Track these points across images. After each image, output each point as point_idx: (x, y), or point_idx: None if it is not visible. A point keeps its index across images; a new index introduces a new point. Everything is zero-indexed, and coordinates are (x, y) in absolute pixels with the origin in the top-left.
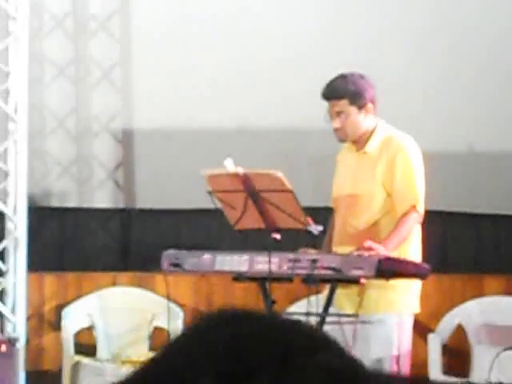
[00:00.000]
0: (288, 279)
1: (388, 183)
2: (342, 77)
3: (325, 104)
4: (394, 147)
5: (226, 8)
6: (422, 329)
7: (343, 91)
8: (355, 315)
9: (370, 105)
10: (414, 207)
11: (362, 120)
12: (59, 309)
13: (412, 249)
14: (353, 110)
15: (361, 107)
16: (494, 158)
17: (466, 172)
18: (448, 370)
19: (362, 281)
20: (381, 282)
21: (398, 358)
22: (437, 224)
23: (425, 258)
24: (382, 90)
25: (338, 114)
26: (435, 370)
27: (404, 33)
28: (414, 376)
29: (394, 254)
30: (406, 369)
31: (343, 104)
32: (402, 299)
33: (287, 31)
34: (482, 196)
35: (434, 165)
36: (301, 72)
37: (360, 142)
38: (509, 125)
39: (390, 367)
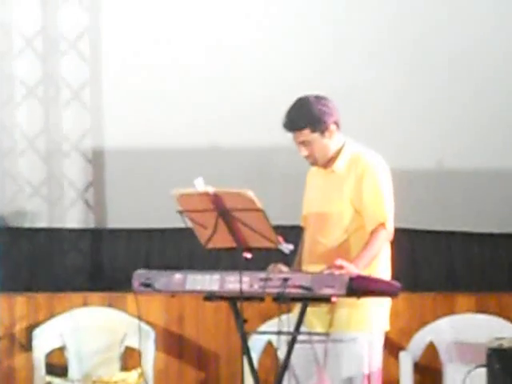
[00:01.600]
0: (259, 298)
1: (356, 201)
2: (301, 105)
3: None
4: (362, 165)
5: (196, 27)
6: (393, 346)
7: (302, 122)
8: (326, 334)
9: (332, 126)
10: (382, 225)
11: (328, 143)
12: (30, 329)
13: (381, 267)
14: (316, 136)
15: (323, 132)
16: (463, 175)
17: (435, 189)
18: None
19: (333, 299)
20: (351, 301)
21: (369, 377)
22: (407, 242)
23: (395, 275)
24: (350, 107)
25: (303, 143)
26: None
27: (369, 46)
28: None
29: (364, 272)
30: None
31: (306, 133)
32: (373, 317)
33: (260, 50)
34: (452, 213)
35: (403, 182)
36: (273, 90)
37: (327, 162)
38: (478, 141)
39: None
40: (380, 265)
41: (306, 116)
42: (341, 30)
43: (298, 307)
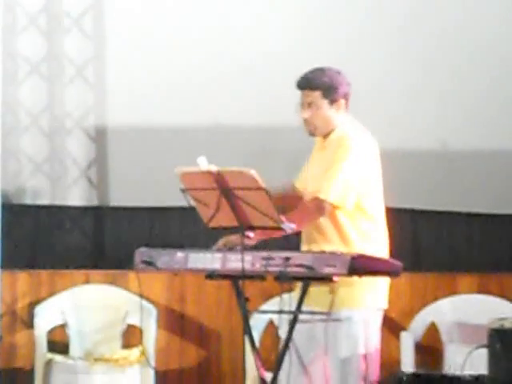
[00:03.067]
0: (261, 277)
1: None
2: (319, 69)
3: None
4: (339, 143)
5: (200, 6)
6: (394, 327)
7: (318, 83)
8: (328, 313)
9: (342, 101)
10: (317, 199)
11: (333, 115)
12: (32, 306)
13: (376, 246)
14: (325, 103)
15: (333, 102)
16: (466, 156)
17: (438, 170)
18: (420, 367)
19: (335, 278)
20: (347, 279)
21: (365, 356)
22: (410, 222)
23: (397, 255)
24: (356, 87)
25: (309, 104)
26: (408, 368)
27: (380, 30)
28: None
29: (364, 252)
30: (375, 367)
31: (316, 96)
32: (368, 295)
33: (262, 30)
34: (454, 194)
35: (407, 163)
36: (275, 69)
37: (326, 136)
38: (482, 123)
39: (357, 365)
40: (373, 244)
41: (322, 79)
42: (356, 15)
43: (299, 287)
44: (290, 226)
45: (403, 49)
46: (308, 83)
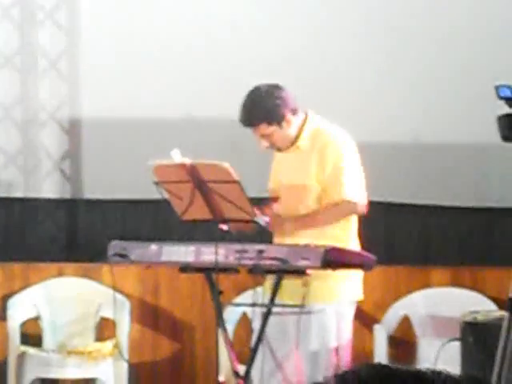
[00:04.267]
0: (234, 270)
1: (320, 177)
2: (252, 101)
3: None
4: (323, 140)
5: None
6: (367, 320)
7: (257, 118)
8: (301, 306)
9: (288, 115)
10: (344, 201)
11: (287, 131)
12: (5, 299)
13: (352, 240)
14: (274, 129)
15: (280, 123)
16: (439, 149)
17: (411, 163)
18: (394, 360)
19: (308, 271)
20: (320, 273)
21: (337, 349)
22: (382, 215)
23: (370, 248)
24: (327, 81)
25: (263, 136)
26: (381, 361)
27: (351, 21)
28: None
29: (337, 245)
30: (346, 360)
31: (263, 128)
32: (341, 289)
33: (232, 20)
34: (427, 187)
35: (379, 155)
36: (250, 63)
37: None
38: (455, 116)
39: (328, 358)
40: (350, 238)
41: (260, 112)
42: (323, 8)
43: (270, 279)
44: (264, 219)
45: (374, 41)
46: (250, 122)
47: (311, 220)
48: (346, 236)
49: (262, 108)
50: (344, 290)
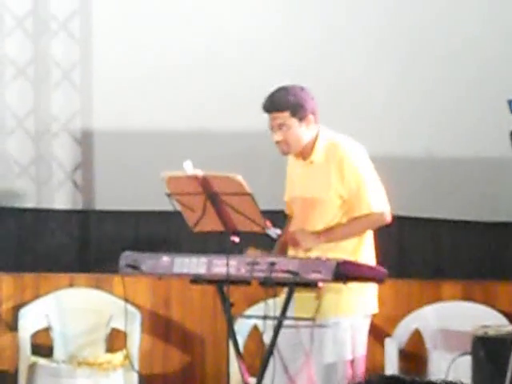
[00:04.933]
0: (246, 282)
1: (341, 191)
2: (283, 89)
3: None
4: (339, 154)
5: (186, 10)
6: (378, 333)
7: (284, 103)
8: (312, 319)
9: (310, 116)
10: (368, 214)
11: (304, 132)
12: (16, 309)
13: (367, 253)
14: (294, 122)
15: (302, 119)
16: (452, 163)
17: (424, 177)
18: (405, 374)
19: (320, 284)
20: (335, 286)
21: (352, 362)
22: (395, 228)
23: (382, 262)
24: (340, 95)
25: (280, 126)
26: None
27: (363, 36)
28: None
29: (349, 259)
30: (361, 372)
31: (285, 116)
32: (356, 301)
33: (243, 34)
34: (440, 201)
35: (392, 169)
36: (262, 75)
37: (304, 153)
38: (467, 130)
39: (344, 371)
40: (365, 251)
41: (288, 99)
42: (334, 20)
43: (284, 293)
44: (275, 232)
45: (386, 56)
46: (275, 105)
47: (339, 233)
48: (361, 249)
49: (292, 96)
50: (359, 304)
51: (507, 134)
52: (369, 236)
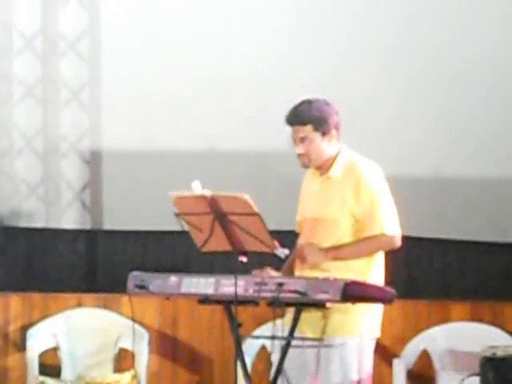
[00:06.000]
0: (254, 302)
1: (354, 210)
2: (307, 102)
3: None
4: (357, 173)
5: (196, 30)
6: (386, 353)
7: (307, 117)
8: (320, 339)
9: (333, 131)
10: (380, 235)
11: (326, 146)
12: (24, 329)
13: (376, 274)
14: (317, 136)
15: (325, 133)
16: (460, 184)
17: (432, 197)
18: None
19: (328, 305)
20: (342, 306)
21: (358, 383)
22: (403, 249)
23: (390, 282)
24: (348, 114)
25: (302, 139)
26: None
27: (370, 56)
28: None
29: (358, 279)
30: None
31: (307, 130)
32: (363, 323)
33: (256, 54)
34: (448, 221)
35: (400, 189)
36: (270, 94)
37: (323, 168)
38: (475, 150)
39: None
40: (374, 271)
41: (311, 112)
42: (344, 38)
43: (290, 312)
44: (283, 252)
45: (397, 75)
46: (298, 118)
47: (348, 251)
48: (370, 269)
49: (315, 110)
50: (365, 325)
51: None
52: (379, 257)
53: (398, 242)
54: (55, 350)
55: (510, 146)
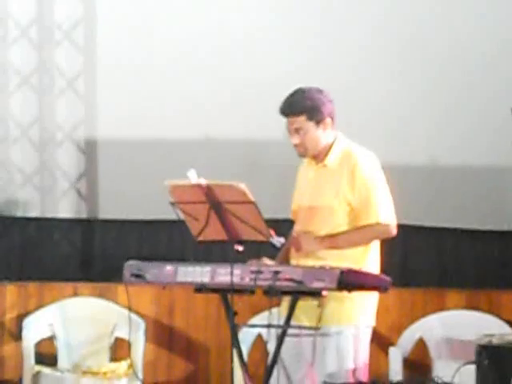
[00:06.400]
0: (250, 291)
1: (350, 198)
2: (300, 92)
3: None
4: (353, 161)
5: (190, 17)
6: (383, 342)
7: (301, 107)
8: (316, 328)
9: (328, 119)
10: (375, 224)
11: (321, 135)
12: (20, 319)
13: (371, 262)
14: (311, 125)
15: (319, 122)
16: (456, 171)
17: (428, 185)
18: (409, 383)
19: (324, 293)
20: (338, 295)
21: (354, 371)
22: (398, 237)
23: (386, 271)
24: (344, 103)
25: (297, 130)
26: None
27: (363, 46)
28: None
29: (354, 267)
30: (363, 381)
31: (301, 120)
32: (359, 311)
33: (249, 43)
34: (443, 209)
35: (395, 177)
36: (266, 82)
37: (319, 156)
38: (471, 138)
39: (346, 380)
40: (370, 259)
41: (304, 102)
42: (334, 26)
43: (286, 301)
44: (279, 241)
45: (396, 67)
46: (291, 109)
47: (343, 240)
48: (365, 257)
49: (308, 100)
50: (361, 313)
51: None
52: (375, 245)
53: (394, 231)
54: (51, 339)
55: (506, 134)
